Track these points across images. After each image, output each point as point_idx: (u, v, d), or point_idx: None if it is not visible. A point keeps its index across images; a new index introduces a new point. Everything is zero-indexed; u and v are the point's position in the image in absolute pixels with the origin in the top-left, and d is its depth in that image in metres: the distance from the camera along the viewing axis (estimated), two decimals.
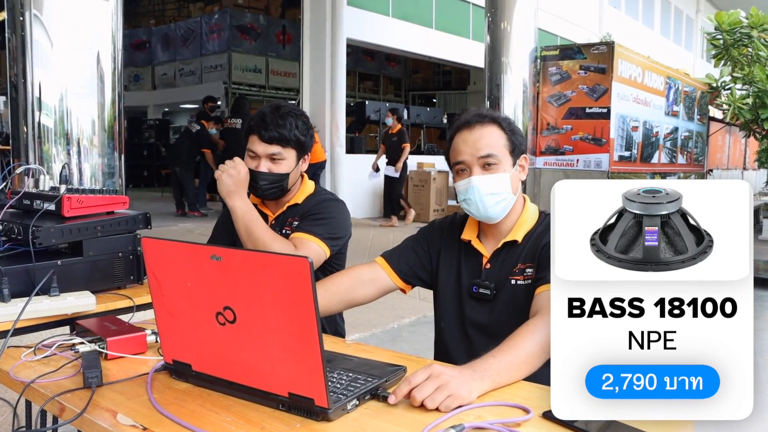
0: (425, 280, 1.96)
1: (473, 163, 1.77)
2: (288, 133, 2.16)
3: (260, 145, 2.17)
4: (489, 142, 1.76)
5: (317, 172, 9.84)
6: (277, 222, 2.31)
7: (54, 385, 1.43)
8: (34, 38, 4.17)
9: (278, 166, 2.19)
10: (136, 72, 18.01)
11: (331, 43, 11.06)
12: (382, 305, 5.16)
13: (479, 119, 1.79)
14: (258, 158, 2.19)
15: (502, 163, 1.76)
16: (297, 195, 2.32)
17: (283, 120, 2.17)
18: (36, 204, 2.07)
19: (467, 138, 1.78)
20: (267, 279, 1.19)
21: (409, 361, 1.54)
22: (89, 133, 4.37)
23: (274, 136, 2.16)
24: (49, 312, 1.83)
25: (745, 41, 9.18)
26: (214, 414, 1.27)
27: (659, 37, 21.69)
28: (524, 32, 8.63)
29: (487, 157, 1.75)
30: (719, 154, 14.94)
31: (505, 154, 1.77)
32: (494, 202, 1.76)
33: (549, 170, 8.99)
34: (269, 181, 2.19)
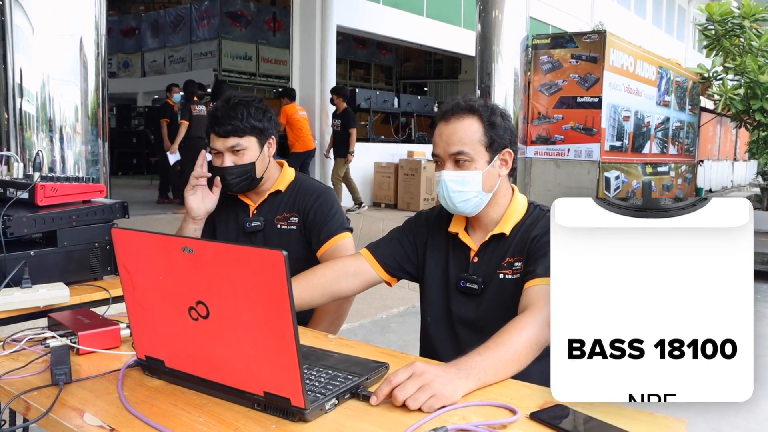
0: (411, 273, 1.91)
1: (445, 158, 1.72)
2: (240, 123, 2.14)
3: (218, 140, 2.15)
4: (462, 137, 1.70)
5: (306, 161, 9.76)
6: (261, 212, 2.26)
7: (21, 381, 1.37)
8: (15, 23, 4.07)
9: (241, 157, 2.16)
10: (125, 58, 17.87)
11: (322, 30, 10.97)
12: (371, 295, 5.11)
13: (457, 112, 1.72)
14: (221, 154, 2.16)
15: (475, 161, 1.70)
16: (278, 182, 2.28)
17: (233, 111, 2.14)
18: (9, 192, 2.00)
19: (443, 131, 1.73)
20: (240, 273, 1.14)
21: (392, 357, 1.49)
22: (72, 120, 4.29)
23: (228, 129, 2.13)
24: (20, 304, 1.77)
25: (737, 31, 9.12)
26: (187, 413, 1.21)
27: (651, 27, 21.68)
28: (515, 21, 8.54)
29: (458, 154, 1.70)
30: (710, 145, 14.94)
31: (480, 150, 1.71)
32: (462, 200, 1.72)
33: (540, 160, 8.94)
34: (236, 174, 2.16)
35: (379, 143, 12.56)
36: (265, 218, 2.25)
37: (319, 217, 2.21)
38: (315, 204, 2.22)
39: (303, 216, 2.23)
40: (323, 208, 2.22)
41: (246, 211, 2.28)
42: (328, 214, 2.22)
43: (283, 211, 2.25)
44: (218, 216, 2.31)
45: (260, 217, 2.25)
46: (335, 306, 2.19)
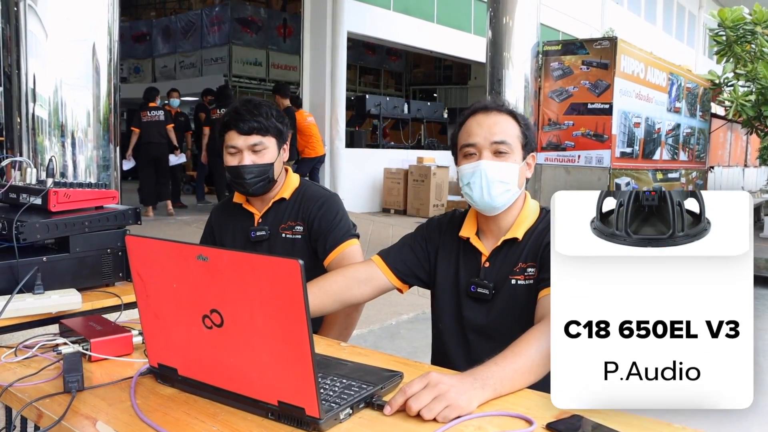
0: (423, 280, 1.89)
1: (485, 146, 1.69)
2: (266, 121, 2.12)
3: (239, 138, 2.11)
4: (505, 128, 1.71)
5: (316, 167, 9.76)
6: (266, 220, 2.24)
7: (33, 389, 1.37)
8: (29, 29, 4.10)
9: (261, 156, 2.13)
10: (136, 64, 17.91)
11: (332, 36, 10.98)
12: (380, 302, 5.09)
13: (497, 107, 1.74)
14: (239, 152, 2.12)
15: (514, 153, 1.71)
16: (282, 189, 2.25)
17: (257, 110, 2.12)
18: (22, 198, 2.01)
19: (482, 121, 1.72)
20: (256, 281, 1.13)
21: (406, 366, 1.47)
22: (84, 125, 4.30)
23: (254, 126, 2.10)
24: (32, 311, 1.76)
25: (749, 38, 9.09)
26: (200, 422, 1.20)
27: (662, 33, 21.60)
28: (526, 27, 8.54)
29: (501, 144, 1.69)
30: (721, 151, 14.84)
31: (518, 145, 1.72)
32: (501, 191, 1.69)
33: (550, 166, 8.90)
34: (255, 173, 2.13)
35: (389, 149, 12.57)
36: (270, 227, 2.22)
37: (324, 225, 2.18)
38: (319, 212, 2.19)
39: (308, 225, 2.20)
40: (328, 216, 2.19)
41: (251, 220, 2.25)
42: (333, 221, 2.18)
43: (288, 220, 2.22)
44: (221, 225, 2.30)
45: (265, 226, 2.22)
46: (344, 314, 2.17)
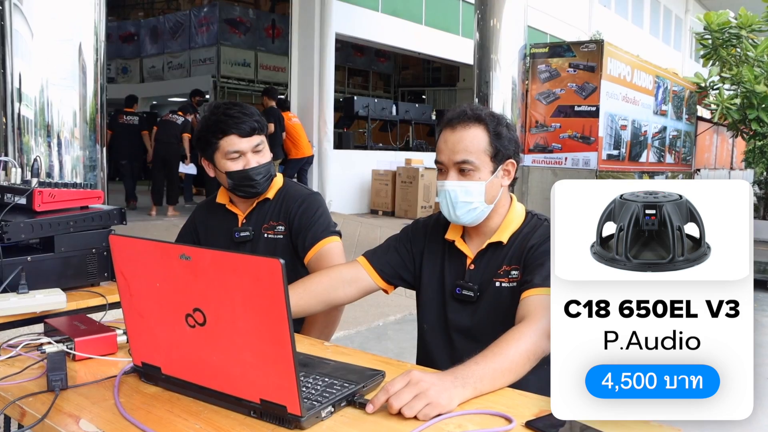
0: (408, 281, 1.91)
1: (450, 166, 1.71)
2: (259, 118, 2.13)
3: (242, 141, 2.10)
4: (467, 146, 1.69)
5: (304, 168, 9.76)
6: (249, 221, 2.23)
7: (17, 387, 1.37)
8: (14, 28, 4.07)
9: (262, 156, 2.14)
10: (124, 64, 17.83)
11: (320, 37, 10.98)
12: (367, 303, 5.11)
13: (463, 120, 1.71)
14: (244, 155, 2.11)
15: (479, 170, 1.70)
16: (267, 189, 2.23)
17: (247, 110, 2.12)
18: (7, 198, 2.00)
19: (448, 138, 1.72)
20: (237, 280, 1.14)
21: (388, 365, 1.49)
22: (70, 125, 4.28)
23: (254, 126, 2.11)
24: (16, 310, 1.76)
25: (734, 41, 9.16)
26: (183, 420, 1.21)
27: (648, 37, 21.72)
28: (514, 29, 8.58)
29: (463, 163, 1.69)
30: (707, 154, 14.95)
31: (485, 160, 1.70)
32: (465, 210, 1.71)
33: (537, 168, 8.96)
34: (263, 173, 2.14)
35: (377, 150, 12.56)
36: (253, 228, 2.22)
37: (304, 222, 2.17)
38: (299, 210, 2.18)
39: (289, 224, 2.19)
40: (308, 213, 2.18)
41: (234, 221, 2.25)
42: (312, 218, 2.17)
43: (270, 220, 2.21)
44: (206, 225, 2.30)
45: (249, 226, 2.22)
46: (324, 313, 2.14)
